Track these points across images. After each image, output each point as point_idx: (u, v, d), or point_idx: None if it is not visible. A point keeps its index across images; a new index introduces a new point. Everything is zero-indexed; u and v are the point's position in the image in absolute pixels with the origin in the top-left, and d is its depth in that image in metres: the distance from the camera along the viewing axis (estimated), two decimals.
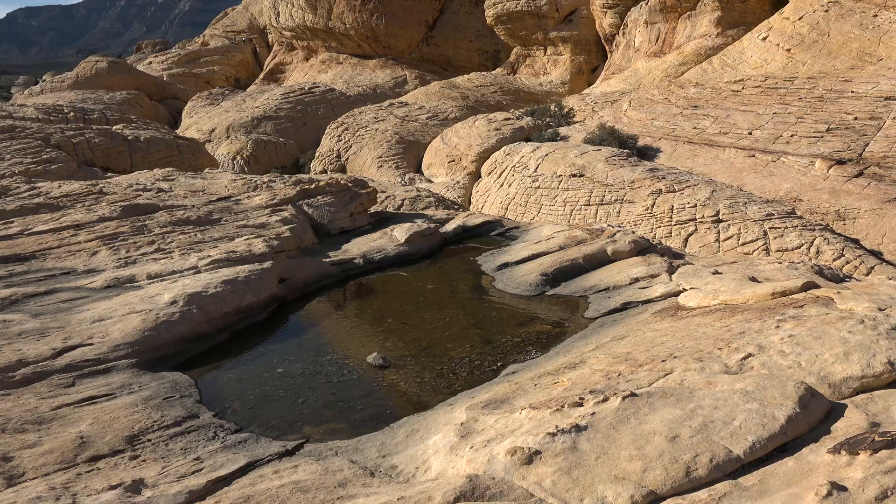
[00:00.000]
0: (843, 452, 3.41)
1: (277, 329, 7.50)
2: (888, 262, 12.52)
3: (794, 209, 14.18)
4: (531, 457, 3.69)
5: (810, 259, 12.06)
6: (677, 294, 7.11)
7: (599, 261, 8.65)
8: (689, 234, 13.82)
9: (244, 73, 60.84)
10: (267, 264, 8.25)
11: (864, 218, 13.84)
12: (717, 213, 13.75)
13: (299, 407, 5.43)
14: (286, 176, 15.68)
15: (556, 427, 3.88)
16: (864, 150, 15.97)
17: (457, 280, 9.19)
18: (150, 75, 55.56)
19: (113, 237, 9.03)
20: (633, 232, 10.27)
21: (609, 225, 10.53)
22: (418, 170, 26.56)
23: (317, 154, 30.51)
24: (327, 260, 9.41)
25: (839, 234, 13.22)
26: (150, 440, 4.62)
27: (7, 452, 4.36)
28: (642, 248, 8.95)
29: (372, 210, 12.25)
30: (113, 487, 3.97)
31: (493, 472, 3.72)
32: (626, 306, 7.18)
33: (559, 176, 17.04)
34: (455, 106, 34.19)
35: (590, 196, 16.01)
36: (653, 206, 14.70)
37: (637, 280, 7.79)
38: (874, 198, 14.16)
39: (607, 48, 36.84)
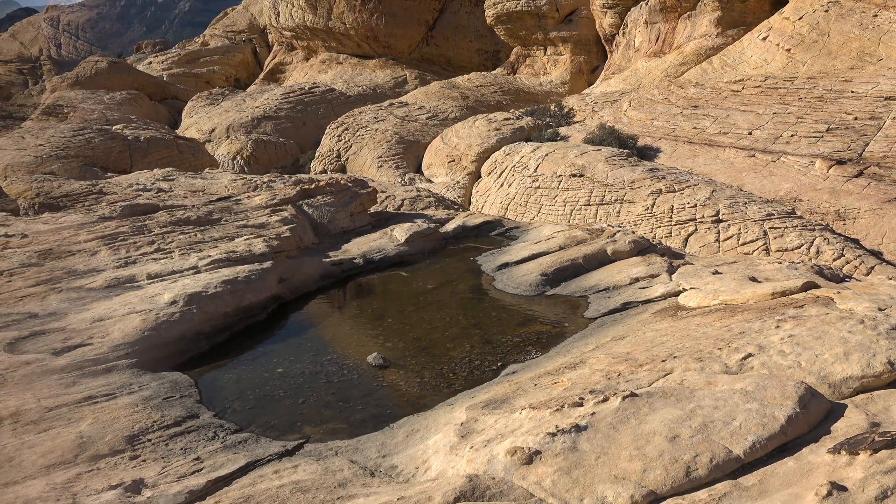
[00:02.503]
0: (843, 452, 3.41)
1: (277, 329, 7.49)
2: (888, 262, 12.51)
3: (794, 209, 14.17)
4: (531, 457, 3.69)
5: (810, 259, 12.06)
6: (677, 294, 7.11)
7: (599, 261, 8.65)
8: (689, 234, 13.82)
9: (244, 73, 60.80)
10: (267, 264, 8.25)
11: (864, 218, 13.84)
12: (717, 213, 13.75)
13: (299, 407, 5.43)
14: (286, 176, 15.69)
15: (556, 427, 3.88)
16: (864, 150, 15.96)
17: (457, 280, 9.19)
18: (150, 75, 55.51)
19: (113, 237, 9.03)
20: (633, 232, 10.27)
21: (609, 225, 10.53)
22: (418, 170, 26.54)
23: (317, 154, 30.49)
24: (327, 260, 9.41)
25: (839, 234, 13.21)
26: (150, 440, 4.62)
27: (7, 452, 4.35)
28: (642, 248, 8.95)
29: (372, 210, 12.25)
30: (113, 487, 3.97)
31: (493, 472, 3.72)
32: (626, 306, 7.18)
33: (559, 176, 17.04)
34: (455, 106, 34.15)
35: (590, 196, 16.01)
36: (653, 206, 14.70)
37: (637, 280, 7.79)
38: (874, 198, 14.16)
39: (607, 48, 36.82)
